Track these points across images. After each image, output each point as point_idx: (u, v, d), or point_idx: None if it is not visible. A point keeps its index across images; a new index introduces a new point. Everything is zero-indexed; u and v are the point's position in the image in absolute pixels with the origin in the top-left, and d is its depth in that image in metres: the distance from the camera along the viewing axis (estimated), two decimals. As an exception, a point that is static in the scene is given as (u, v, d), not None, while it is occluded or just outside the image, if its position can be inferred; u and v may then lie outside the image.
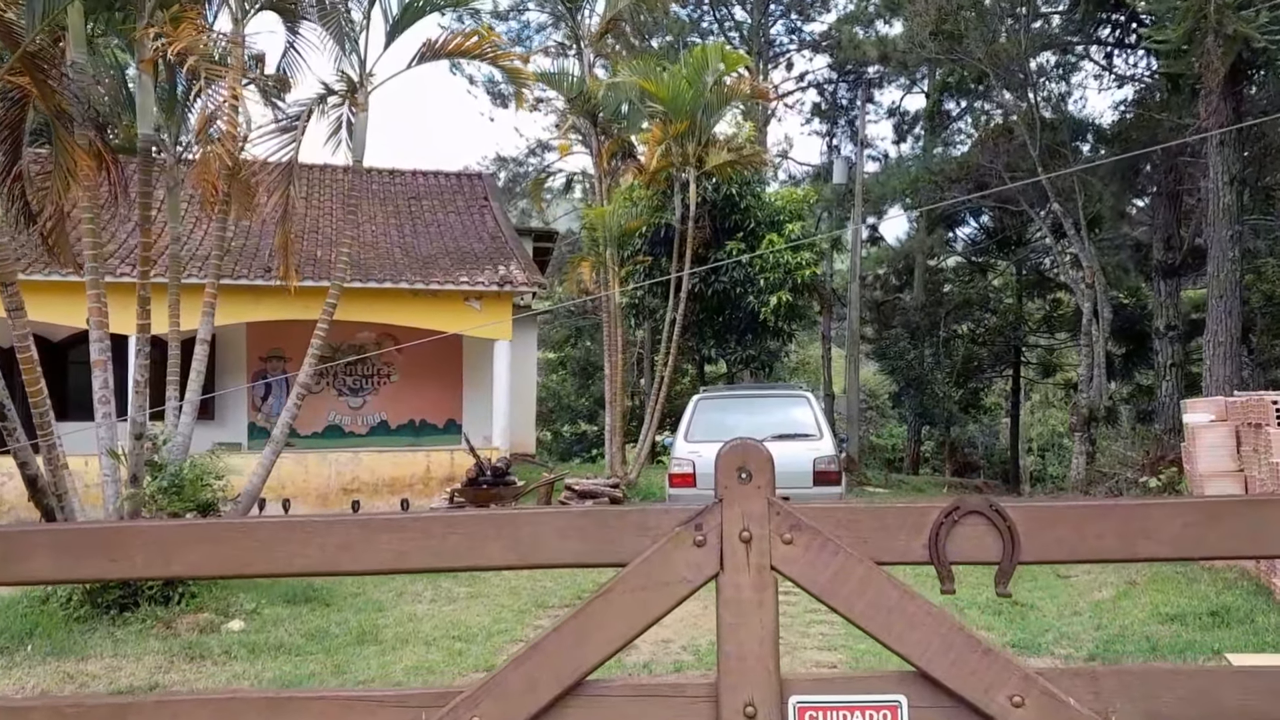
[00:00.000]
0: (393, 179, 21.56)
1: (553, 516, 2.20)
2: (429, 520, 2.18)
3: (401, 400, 19.18)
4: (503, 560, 2.18)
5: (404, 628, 7.23)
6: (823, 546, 2.14)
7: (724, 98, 16.21)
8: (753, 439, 2.19)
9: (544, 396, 34.21)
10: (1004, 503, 2.17)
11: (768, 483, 2.16)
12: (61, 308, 15.25)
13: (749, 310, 19.81)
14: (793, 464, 10.23)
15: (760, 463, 2.16)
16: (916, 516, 2.17)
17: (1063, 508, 2.18)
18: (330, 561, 2.16)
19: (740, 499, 2.16)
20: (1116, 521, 2.15)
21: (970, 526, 2.15)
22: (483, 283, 16.53)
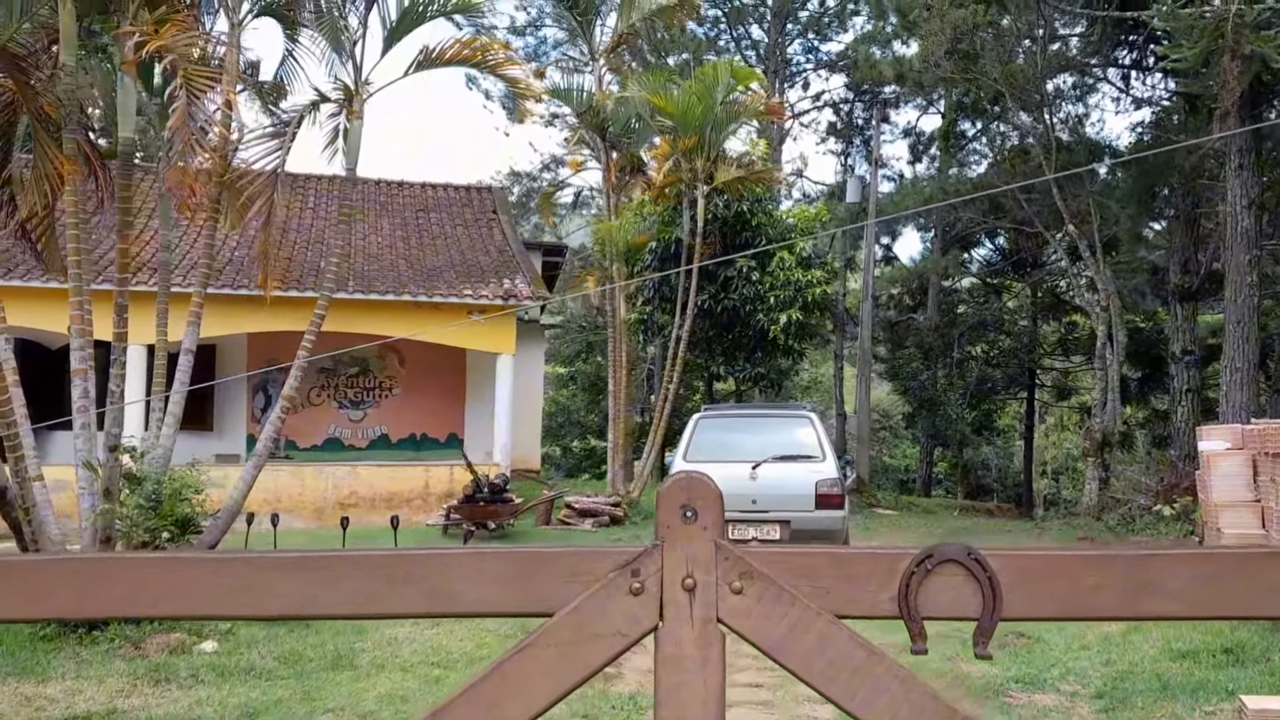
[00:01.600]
0: (401, 190, 21.42)
1: (473, 558, 1.94)
2: (334, 559, 1.92)
3: (403, 414, 18.95)
4: (416, 607, 1.92)
5: (382, 652, 6.97)
6: (777, 597, 1.87)
7: (734, 114, 16.00)
8: (700, 475, 1.93)
9: (554, 411, 34.11)
10: (986, 550, 1.90)
11: (715, 523, 1.90)
12: (57, 315, 15.06)
13: (758, 328, 19.54)
14: (794, 486, 9.95)
15: (708, 499, 1.90)
16: (885, 564, 1.90)
17: (1054, 557, 1.91)
18: (222, 604, 1.91)
19: (684, 541, 1.89)
20: (1117, 573, 1.88)
21: (946, 577, 1.88)
22: (486, 296, 16.32)
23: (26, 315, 14.83)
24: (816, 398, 39.86)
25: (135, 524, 7.54)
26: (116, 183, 7.39)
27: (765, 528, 9.85)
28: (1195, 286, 20.46)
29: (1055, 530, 17.18)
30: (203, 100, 6.78)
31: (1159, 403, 27.26)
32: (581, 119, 16.44)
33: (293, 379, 8.96)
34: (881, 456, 38.10)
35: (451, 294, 16.34)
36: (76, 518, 9.84)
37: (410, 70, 8.98)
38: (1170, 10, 12.45)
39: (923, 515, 21.10)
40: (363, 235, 19.20)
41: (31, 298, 14.80)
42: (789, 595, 1.87)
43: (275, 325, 16.62)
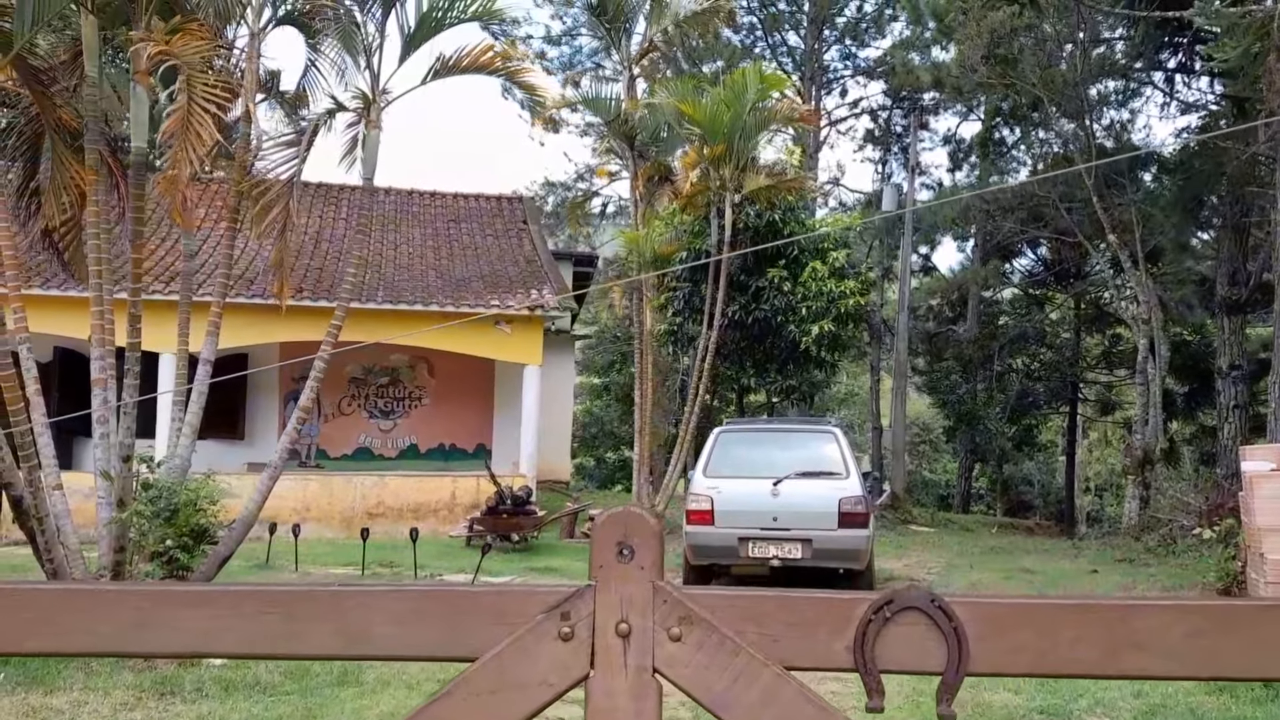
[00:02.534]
0: (433, 201, 21.45)
1: (390, 597, 1.79)
2: (240, 594, 1.78)
3: (432, 424, 18.92)
4: (324, 648, 1.78)
5: (390, 668, 6.84)
6: (719, 645, 1.71)
7: (764, 121, 15.79)
8: (637, 511, 1.78)
9: (587, 422, 34.02)
10: (952, 598, 1.72)
11: (653, 562, 1.74)
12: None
13: (790, 339, 19.30)
14: (817, 504, 9.73)
15: (645, 536, 1.74)
16: (840, 610, 1.72)
17: (1026, 605, 1.73)
18: (120, 640, 1.77)
19: (618, 582, 1.73)
20: (1096, 625, 1.69)
21: (907, 626, 1.70)
22: (513, 306, 16.24)
23: (66, 324, 14.91)
24: (853, 411, 39.46)
25: (145, 534, 7.49)
26: (130, 192, 7.35)
27: (786, 546, 9.63)
28: (1244, 298, 19.93)
29: (1092, 551, 16.76)
30: (206, 108, 6.71)
31: (1206, 418, 26.63)
32: (610, 127, 16.32)
33: (309, 390, 8.90)
34: (921, 471, 37.60)
35: (479, 304, 16.27)
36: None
37: (428, 78, 8.90)
38: (1214, 8, 12.12)
39: (959, 533, 20.71)
40: (394, 245, 19.23)
41: (70, 307, 14.84)
42: (732, 644, 1.70)
43: (306, 334, 16.59)
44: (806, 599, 1.76)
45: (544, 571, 11.80)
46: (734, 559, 9.87)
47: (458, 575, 10.66)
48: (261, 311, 15.93)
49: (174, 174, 6.61)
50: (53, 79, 7.73)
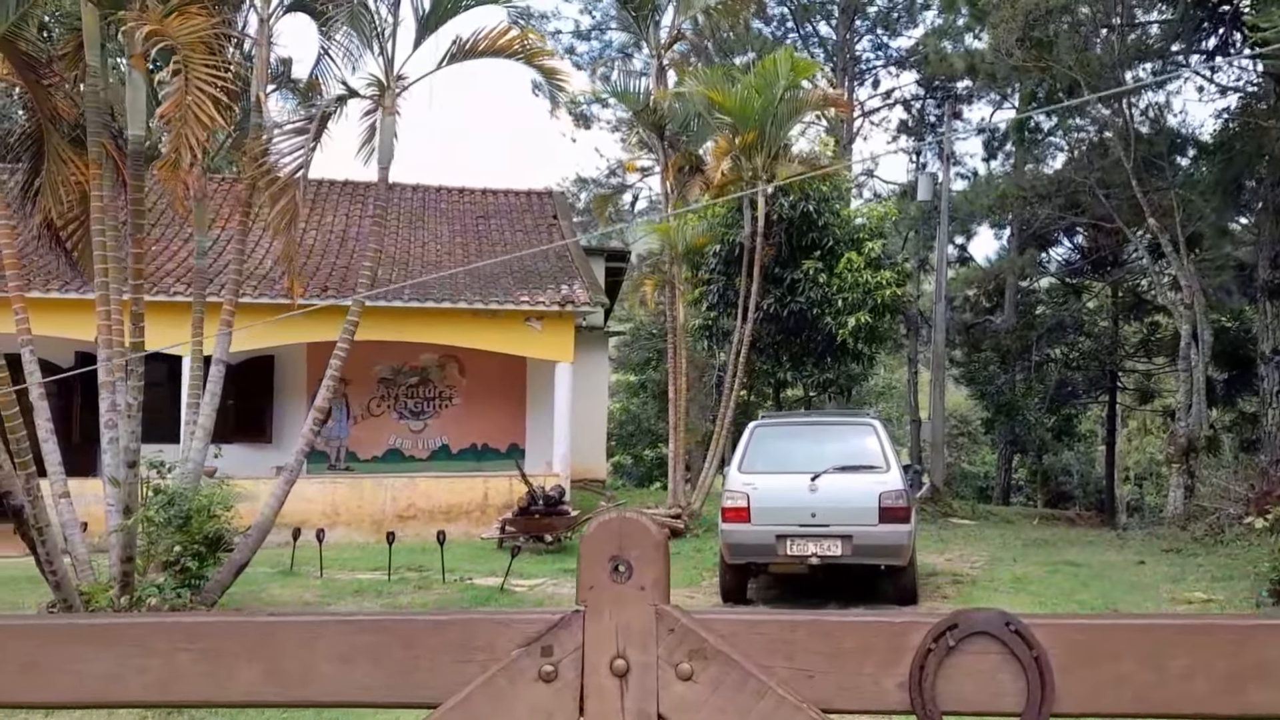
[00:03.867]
0: (462, 197, 21.21)
1: (335, 629, 1.47)
2: (150, 629, 1.46)
3: (464, 424, 18.67)
4: (257, 693, 1.46)
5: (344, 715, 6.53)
6: (740, 685, 1.38)
7: (795, 108, 15.38)
8: (636, 518, 1.45)
9: (624, 419, 33.73)
10: (1031, 620, 1.39)
11: (656, 581, 1.40)
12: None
13: (826, 332, 18.88)
14: (856, 499, 9.34)
15: (645, 548, 1.41)
16: (891, 637, 1.39)
17: (1126, 628, 1.38)
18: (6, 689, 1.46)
19: (613, 607, 1.40)
20: (1216, 652, 1.35)
21: (975, 656, 1.37)
22: (543, 302, 15.95)
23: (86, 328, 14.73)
24: (891, 404, 38.91)
25: (153, 542, 7.23)
26: (129, 184, 7.10)
27: (825, 543, 9.25)
28: (1286, 282, 19.29)
29: (1137, 542, 16.24)
30: (205, 90, 6.42)
31: (1247, 405, 25.93)
32: (639, 118, 15.98)
33: (325, 389, 8.64)
34: (960, 463, 37.05)
35: (508, 301, 16.00)
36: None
37: (444, 63, 8.60)
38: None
39: (1000, 525, 20.22)
40: (422, 243, 19.01)
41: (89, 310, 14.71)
42: (756, 682, 1.37)
43: (333, 334, 16.37)
44: (849, 624, 1.42)
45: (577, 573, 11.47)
46: (771, 557, 9.51)
47: (488, 579, 10.37)
48: (285, 312, 15.73)
49: (173, 160, 6.32)
50: (47, 69, 7.50)
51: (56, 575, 6.70)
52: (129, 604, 6.75)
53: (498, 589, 9.77)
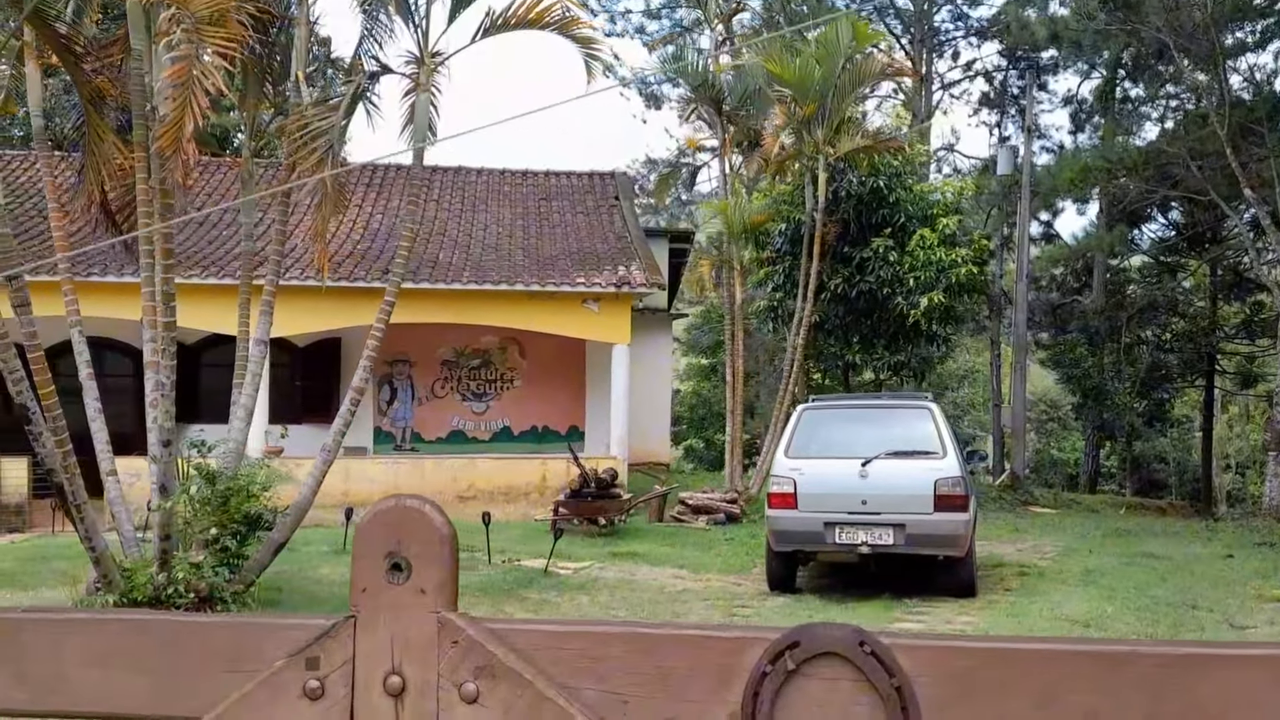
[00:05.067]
0: (524, 180, 21.13)
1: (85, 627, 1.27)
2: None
3: (524, 406, 18.64)
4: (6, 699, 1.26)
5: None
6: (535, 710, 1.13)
7: (858, 77, 14.89)
8: (417, 506, 1.21)
9: (695, 403, 33.55)
10: (896, 640, 1.12)
11: (441, 584, 1.16)
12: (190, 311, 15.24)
13: (897, 313, 18.31)
14: (910, 486, 8.96)
15: (428, 542, 1.17)
16: (721, 655, 1.13)
17: (1022, 654, 1.09)
18: None
19: (389, 613, 1.17)
20: (1135, 687, 1.06)
21: (823, 683, 1.10)
22: (600, 284, 15.76)
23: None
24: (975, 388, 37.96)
25: (189, 523, 7.22)
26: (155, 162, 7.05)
27: (876, 531, 8.89)
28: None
29: (1229, 534, 15.47)
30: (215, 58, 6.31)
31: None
32: (697, 93, 15.65)
33: (361, 370, 8.54)
34: (1049, 449, 36.01)
35: (565, 282, 15.85)
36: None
37: (478, 36, 8.39)
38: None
39: (1083, 514, 19.48)
40: (483, 226, 18.97)
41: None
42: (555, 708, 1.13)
43: (399, 317, 16.37)
44: (673, 638, 1.16)
45: (626, 557, 11.29)
46: (820, 545, 9.17)
47: (535, 560, 10.24)
48: (351, 295, 15.82)
49: (175, 127, 6.23)
50: (85, 48, 7.50)
51: (96, 552, 6.75)
52: (167, 581, 6.75)
53: (541, 571, 9.63)
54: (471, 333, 17.86)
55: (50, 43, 7.10)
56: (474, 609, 7.71)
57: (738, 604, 8.82)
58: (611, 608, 8.33)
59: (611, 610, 8.21)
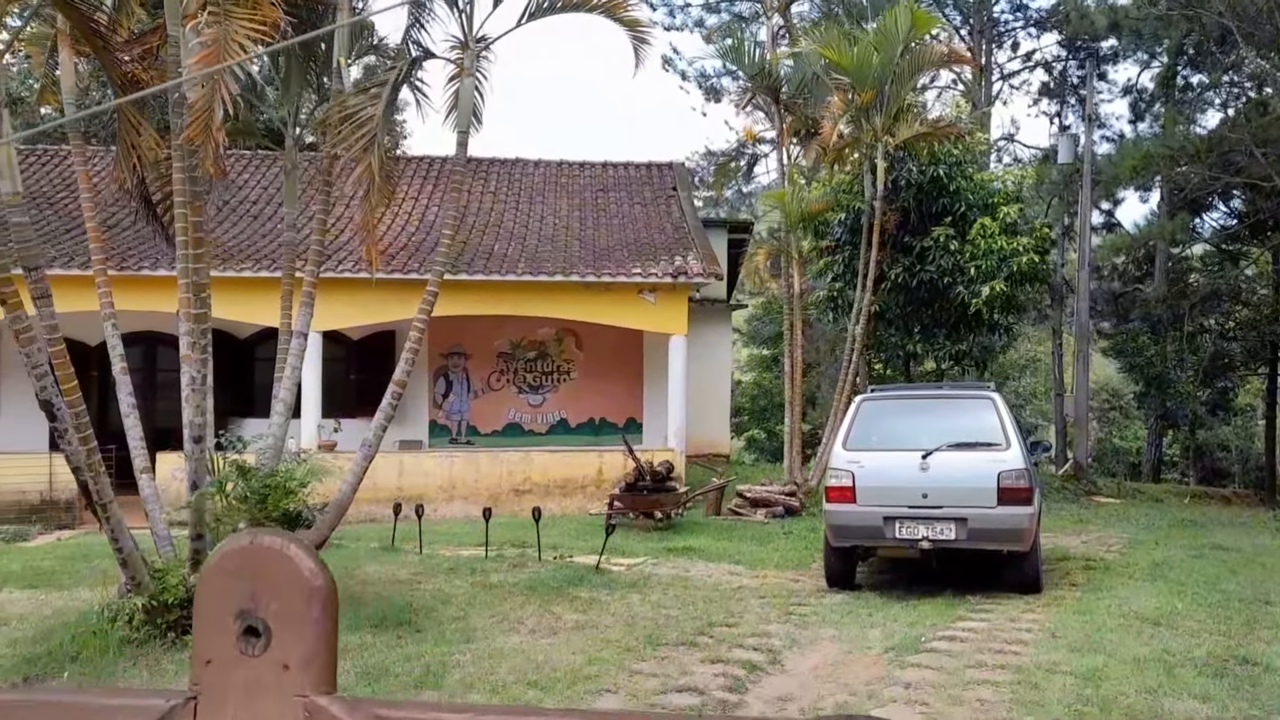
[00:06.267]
0: (581, 171, 21.07)
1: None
2: None
3: (581, 398, 18.58)
4: None
5: (479, 667, 6.32)
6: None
7: (916, 63, 14.56)
8: (278, 545, 1.04)
9: (756, 394, 33.39)
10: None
11: (308, 656, 0.93)
12: (242, 305, 15.38)
13: (959, 302, 17.94)
14: (972, 479, 8.70)
15: (293, 600, 0.95)
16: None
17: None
18: None
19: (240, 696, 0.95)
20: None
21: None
22: (656, 274, 15.60)
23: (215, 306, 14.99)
24: (1036, 378, 37.31)
25: (221, 520, 7.15)
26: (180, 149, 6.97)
27: (938, 525, 8.64)
28: None
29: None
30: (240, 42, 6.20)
31: None
32: (754, 82, 15.41)
33: (403, 363, 8.45)
34: (1111, 438, 35.31)
35: (620, 273, 15.71)
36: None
37: (523, 19, 8.28)
38: None
39: (1147, 504, 19.01)
40: (540, 217, 18.92)
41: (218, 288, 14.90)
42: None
43: (454, 309, 16.43)
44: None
45: (681, 552, 11.12)
46: (879, 540, 8.95)
47: (588, 556, 10.11)
48: (403, 287, 15.78)
49: (204, 116, 6.15)
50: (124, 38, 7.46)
51: (123, 553, 6.67)
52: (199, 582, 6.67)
53: (593, 568, 9.50)
54: (528, 325, 17.82)
55: (79, 27, 7.06)
56: (523, 609, 7.63)
57: (795, 601, 8.63)
58: (664, 606, 8.18)
59: (664, 610, 8.06)
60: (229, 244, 17.10)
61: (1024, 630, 7.45)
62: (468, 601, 8.13)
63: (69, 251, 15.37)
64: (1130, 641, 7.00)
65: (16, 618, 7.48)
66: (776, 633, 7.38)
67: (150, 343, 17.29)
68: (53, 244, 16.16)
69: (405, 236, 17.50)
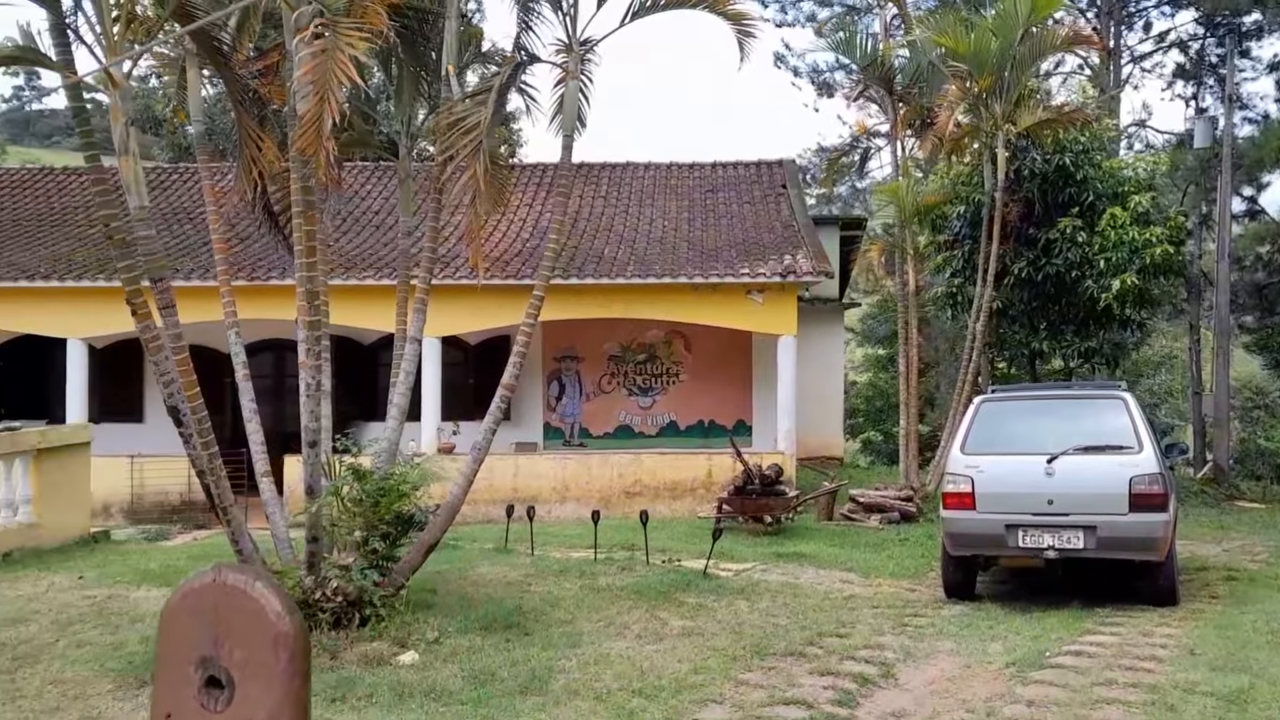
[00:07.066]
0: (690, 172, 20.94)
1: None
2: None
3: (691, 400, 18.45)
4: None
5: (585, 673, 6.18)
6: None
7: (1039, 47, 13.95)
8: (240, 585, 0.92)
9: (871, 395, 32.82)
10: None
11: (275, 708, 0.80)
12: (365, 312, 15.67)
13: (1087, 296, 17.16)
14: (1102, 484, 8.21)
15: (258, 646, 0.85)
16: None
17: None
18: None
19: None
20: None
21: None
22: (764, 274, 15.32)
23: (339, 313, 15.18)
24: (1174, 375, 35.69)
25: (336, 524, 7.22)
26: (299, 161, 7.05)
27: (1065, 534, 8.18)
28: None
29: None
30: (345, 50, 6.21)
31: None
32: (866, 73, 15.00)
33: (512, 366, 8.39)
34: (1255, 439, 33.50)
35: (728, 273, 15.49)
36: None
37: (626, 19, 8.13)
38: None
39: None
40: (649, 220, 18.85)
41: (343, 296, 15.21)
42: None
43: (565, 313, 16.48)
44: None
45: (791, 558, 10.83)
46: (1000, 549, 8.51)
47: (697, 560, 9.93)
48: (518, 292, 15.80)
49: (314, 125, 6.17)
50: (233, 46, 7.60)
51: (242, 554, 6.81)
52: (315, 585, 6.75)
53: (701, 573, 9.30)
54: (637, 327, 17.79)
55: (200, 45, 7.23)
56: (629, 613, 7.48)
57: (910, 612, 8.28)
58: (772, 614, 7.92)
59: (772, 618, 7.81)
60: (352, 253, 17.49)
61: (1158, 646, 6.97)
62: (575, 605, 8.03)
63: (205, 264, 15.90)
64: (1279, 660, 6.50)
65: (151, 614, 7.69)
66: (890, 644, 7.07)
67: (279, 349, 17.80)
68: (191, 257, 16.79)
69: (520, 243, 17.61)
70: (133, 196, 6.86)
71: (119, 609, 8.00)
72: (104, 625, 7.47)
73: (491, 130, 7.61)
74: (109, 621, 7.58)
